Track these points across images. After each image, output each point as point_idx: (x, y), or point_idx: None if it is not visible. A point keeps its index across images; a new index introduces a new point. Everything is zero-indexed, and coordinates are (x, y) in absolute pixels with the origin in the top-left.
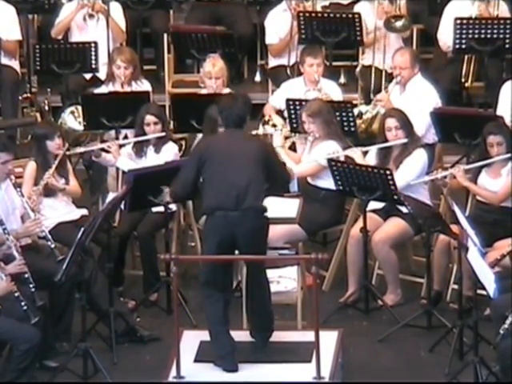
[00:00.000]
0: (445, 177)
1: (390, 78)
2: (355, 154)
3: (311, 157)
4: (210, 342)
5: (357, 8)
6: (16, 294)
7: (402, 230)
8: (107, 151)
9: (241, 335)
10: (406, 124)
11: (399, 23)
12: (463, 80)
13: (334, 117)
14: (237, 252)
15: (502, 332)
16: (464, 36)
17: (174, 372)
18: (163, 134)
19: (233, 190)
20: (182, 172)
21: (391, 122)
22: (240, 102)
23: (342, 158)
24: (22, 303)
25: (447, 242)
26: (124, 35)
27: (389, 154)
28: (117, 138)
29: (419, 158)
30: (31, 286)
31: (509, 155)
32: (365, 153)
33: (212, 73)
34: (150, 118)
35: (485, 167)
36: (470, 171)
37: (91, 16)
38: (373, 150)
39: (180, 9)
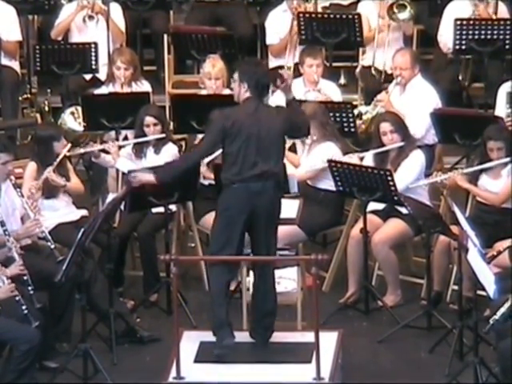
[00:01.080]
0: (444, 180)
1: (390, 78)
2: (352, 160)
3: (310, 159)
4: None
5: (360, 6)
6: (17, 298)
7: (401, 231)
8: (107, 152)
9: (241, 336)
10: (400, 127)
11: (403, 14)
12: (461, 78)
13: (329, 118)
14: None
15: (491, 322)
16: (464, 37)
17: (173, 373)
18: (163, 135)
19: (257, 168)
20: (203, 144)
21: (386, 127)
22: (263, 68)
23: None
24: (23, 307)
25: (447, 242)
26: (123, 36)
27: (386, 157)
28: (117, 139)
29: (416, 159)
30: (30, 288)
31: (508, 159)
32: (361, 158)
33: (212, 73)
34: (149, 120)
35: (485, 169)
36: (469, 174)
37: (91, 17)
38: (370, 154)
39: (180, 9)
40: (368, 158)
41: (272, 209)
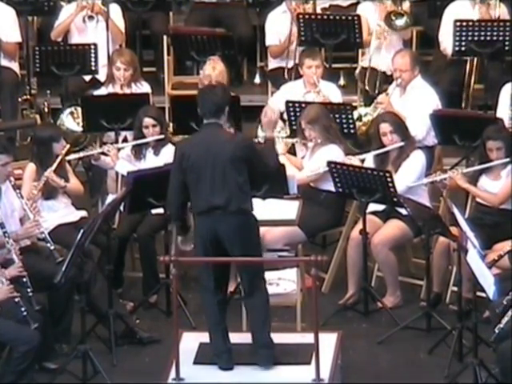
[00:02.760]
0: (444, 179)
1: (389, 80)
2: (353, 162)
3: (313, 162)
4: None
5: (360, 9)
6: (16, 300)
7: (401, 232)
8: (106, 154)
9: (240, 337)
10: (400, 127)
11: (400, 21)
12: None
13: (332, 120)
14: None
15: (497, 331)
16: (464, 38)
17: (173, 374)
18: (162, 136)
19: (214, 195)
20: (170, 186)
21: (385, 127)
22: (219, 91)
23: None
24: (22, 309)
25: (447, 244)
26: (123, 37)
27: (386, 158)
28: (116, 140)
29: (417, 160)
30: (29, 290)
31: (508, 160)
32: (362, 160)
33: (212, 76)
34: (148, 121)
35: (485, 169)
36: (469, 174)
37: (90, 18)
38: (370, 155)
39: (180, 11)
40: (368, 160)
41: (235, 237)
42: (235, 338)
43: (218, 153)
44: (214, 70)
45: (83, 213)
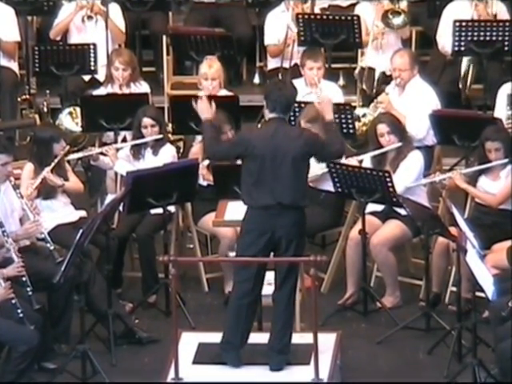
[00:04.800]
0: (443, 180)
1: (388, 80)
2: (351, 162)
3: (312, 161)
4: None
5: (358, 9)
6: (13, 301)
7: (400, 233)
8: (105, 155)
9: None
10: (397, 128)
11: (397, 20)
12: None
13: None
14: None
15: (510, 305)
16: (463, 38)
17: (172, 374)
18: (160, 136)
19: (276, 190)
20: (227, 147)
21: (382, 128)
22: (290, 87)
23: None
24: (18, 310)
25: (446, 244)
26: (124, 36)
27: (384, 158)
28: (116, 140)
29: (415, 160)
30: (28, 289)
31: (506, 160)
32: (360, 161)
33: (208, 74)
34: (146, 121)
35: (484, 170)
36: (468, 175)
37: (89, 18)
38: (368, 156)
39: (179, 11)
40: (366, 160)
41: (293, 229)
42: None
43: (285, 148)
44: (210, 67)
45: (82, 213)
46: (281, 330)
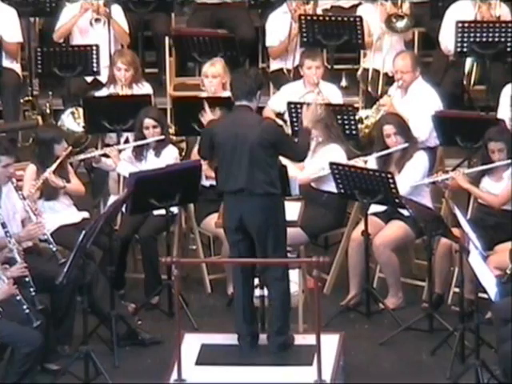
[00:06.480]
0: (446, 179)
1: (391, 81)
2: (357, 164)
3: (314, 161)
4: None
5: (360, 10)
6: (18, 298)
7: (403, 234)
8: (107, 156)
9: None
10: (403, 128)
11: (400, 23)
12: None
13: (334, 120)
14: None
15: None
16: (466, 39)
17: (175, 375)
18: (162, 137)
19: (240, 176)
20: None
21: (389, 129)
22: (252, 74)
23: None
24: (24, 306)
25: (449, 245)
26: (128, 37)
27: (389, 159)
28: (118, 141)
29: (420, 160)
30: (32, 289)
31: (509, 161)
32: (366, 162)
33: (208, 72)
34: (148, 122)
35: (487, 171)
36: (471, 175)
37: (97, 20)
38: (374, 157)
39: (182, 12)
40: (371, 161)
41: (260, 215)
42: (235, 338)
43: (246, 135)
44: (211, 66)
45: (85, 214)
46: (277, 309)
